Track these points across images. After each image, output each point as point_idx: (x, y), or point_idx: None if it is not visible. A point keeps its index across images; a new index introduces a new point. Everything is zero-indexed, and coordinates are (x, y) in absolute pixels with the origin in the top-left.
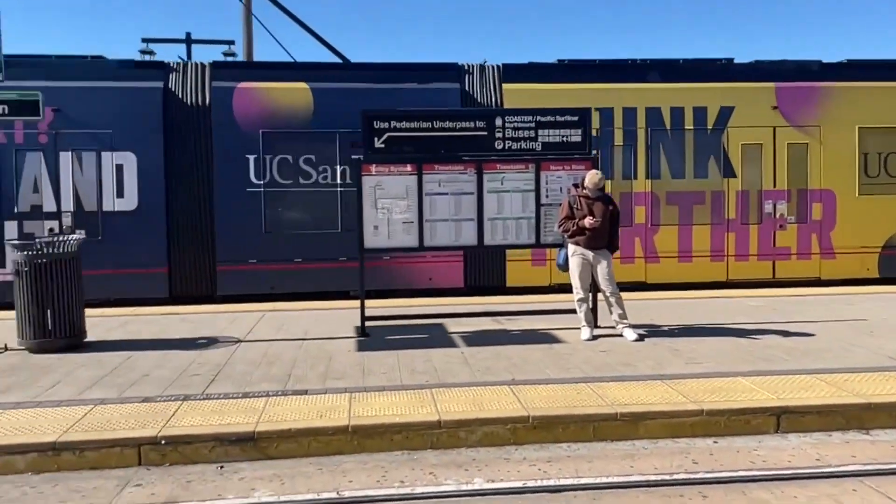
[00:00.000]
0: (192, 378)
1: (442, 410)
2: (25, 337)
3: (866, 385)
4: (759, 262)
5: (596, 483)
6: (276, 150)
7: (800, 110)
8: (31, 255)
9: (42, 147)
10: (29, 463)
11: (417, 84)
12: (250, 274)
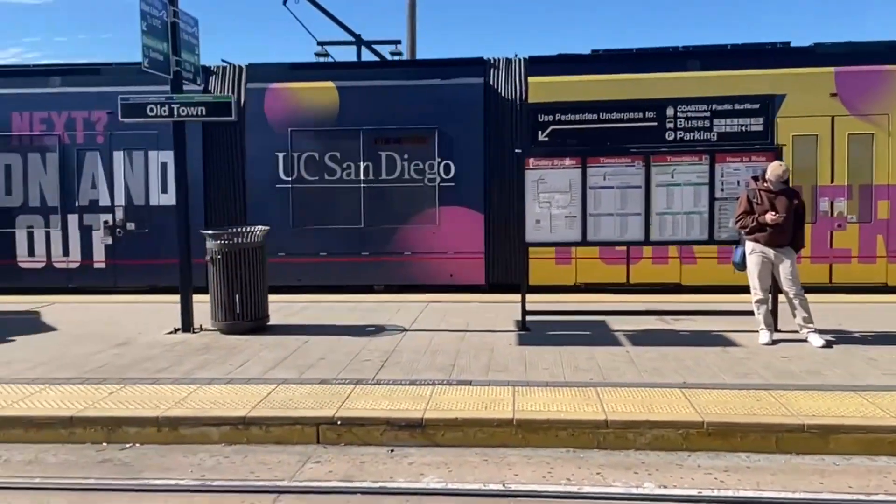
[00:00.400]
0: (363, 363)
1: (608, 410)
2: (217, 319)
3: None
4: (812, 266)
5: (781, 498)
6: (303, 147)
7: (864, 97)
8: (223, 245)
9: (99, 147)
10: (222, 434)
11: (441, 80)
12: (279, 266)
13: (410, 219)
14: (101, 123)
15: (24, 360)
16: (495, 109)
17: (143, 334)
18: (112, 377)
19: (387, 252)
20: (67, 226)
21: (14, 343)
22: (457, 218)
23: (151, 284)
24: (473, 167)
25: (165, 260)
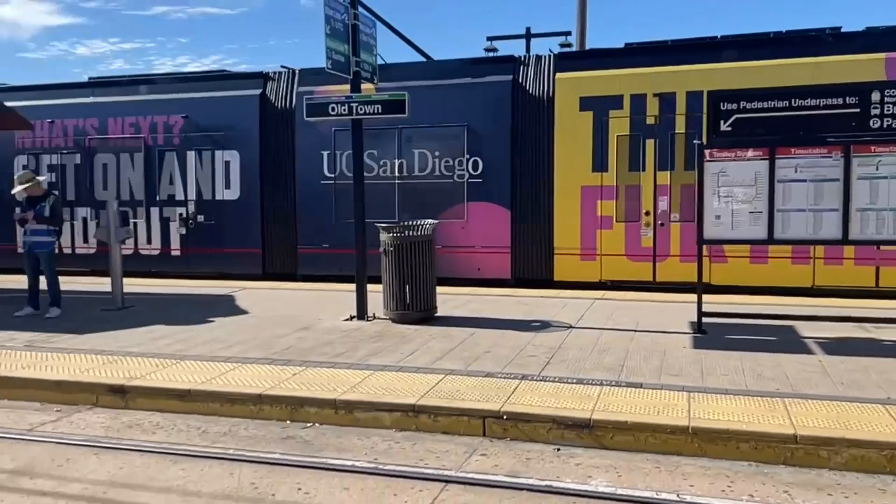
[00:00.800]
0: (528, 359)
1: (798, 423)
2: (389, 308)
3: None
4: (856, 268)
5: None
6: (345, 146)
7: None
8: (394, 237)
9: (175, 148)
10: (394, 420)
11: (471, 79)
12: (323, 257)
13: (440, 214)
14: (177, 127)
15: (221, 340)
16: (523, 106)
17: (322, 320)
18: (295, 359)
19: None
20: (150, 217)
21: (213, 324)
22: (484, 213)
23: (218, 270)
24: (501, 164)
25: (229, 249)
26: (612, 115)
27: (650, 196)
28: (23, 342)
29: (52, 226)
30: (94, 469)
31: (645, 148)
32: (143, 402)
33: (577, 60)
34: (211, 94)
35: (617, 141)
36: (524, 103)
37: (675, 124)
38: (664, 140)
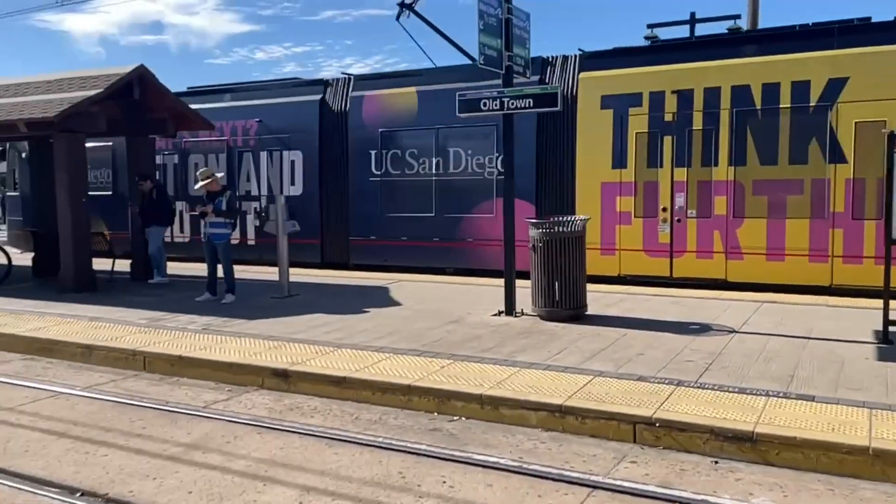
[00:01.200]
0: (685, 364)
1: None
2: (537, 304)
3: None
4: (877, 267)
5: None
6: (389, 145)
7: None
8: (544, 233)
9: (251, 149)
10: (539, 419)
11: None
12: (372, 248)
13: (472, 209)
14: (252, 130)
15: (374, 331)
16: None
17: (471, 314)
18: (444, 352)
19: (453, 238)
20: None
21: (368, 314)
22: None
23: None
24: (526, 161)
25: (293, 239)
26: (631, 113)
27: (667, 192)
28: (201, 325)
29: (229, 218)
30: (258, 447)
31: (663, 145)
32: (304, 387)
33: (600, 59)
34: (280, 99)
35: (636, 138)
36: None
37: (693, 121)
38: (681, 136)
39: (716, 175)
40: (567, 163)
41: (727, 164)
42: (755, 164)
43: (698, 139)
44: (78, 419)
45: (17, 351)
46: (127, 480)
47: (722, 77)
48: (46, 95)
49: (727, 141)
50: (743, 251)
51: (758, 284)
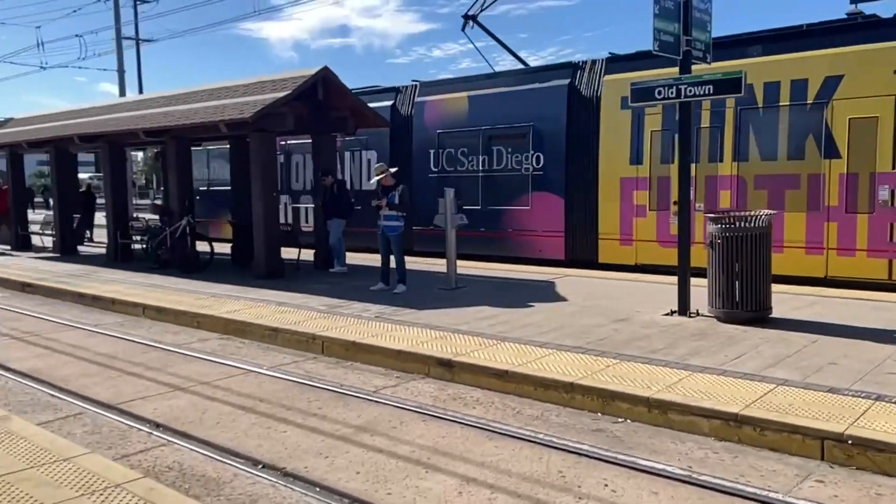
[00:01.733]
0: (886, 376)
1: None
2: (714, 305)
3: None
4: (868, 259)
5: None
6: (445, 145)
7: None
8: (723, 228)
9: (337, 149)
10: (712, 428)
11: (538, 84)
12: (431, 237)
13: (511, 202)
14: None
15: (538, 325)
16: (577, 107)
17: (640, 313)
18: (609, 351)
19: (495, 229)
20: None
21: (531, 309)
22: (544, 202)
23: (365, 245)
24: (558, 158)
25: (370, 229)
26: (647, 112)
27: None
28: (374, 313)
29: (402, 212)
30: (422, 434)
31: (674, 142)
32: (466, 378)
33: (623, 63)
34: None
35: (651, 136)
36: (578, 104)
37: (701, 119)
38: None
39: (721, 170)
40: (592, 159)
41: (731, 159)
42: (756, 160)
43: (706, 136)
44: (263, 396)
45: (216, 331)
46: (302, 457)
47: None
48: (243, 98)
49: (731, 138)
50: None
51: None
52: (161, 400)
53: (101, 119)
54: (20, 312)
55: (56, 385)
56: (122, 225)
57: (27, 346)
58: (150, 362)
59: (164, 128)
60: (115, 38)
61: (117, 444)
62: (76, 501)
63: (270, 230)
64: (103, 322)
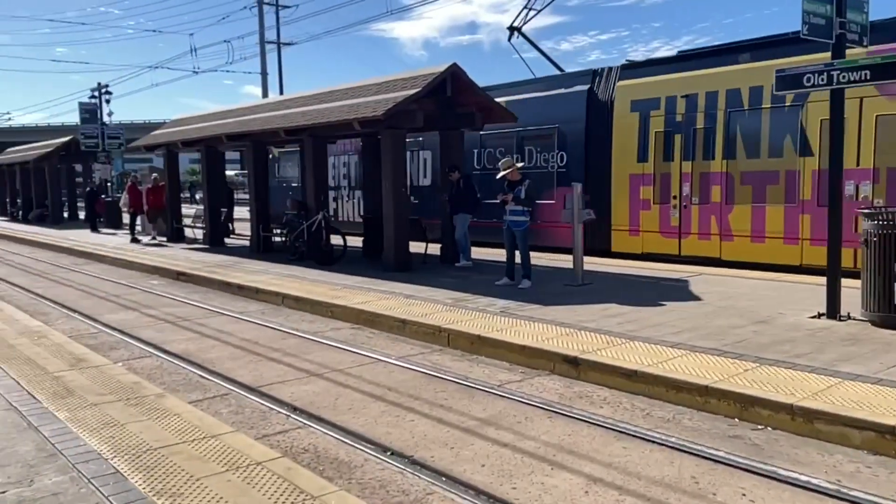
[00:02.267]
0: None
1: None
2: (868, 308)
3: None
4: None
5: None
6: (486, 145)
7: None
8: (879, 225)
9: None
10: (864, 440)
11: (564, 89)
12: (486, 229)
13: (541, 196)
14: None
15: (670, 325)
16: (595, 110)
17: (783, 314)
18: (749, 354)
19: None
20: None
21: (663, 307)
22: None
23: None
24: (578, 157)
25: (426, 220)
26: (652, 115)
27: (677, 182)
28: (499, 308)
29: (527, 207)
30: (547, 431)
31: (674, 141)
32: (593, 376)
33: (632, 70)
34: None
35: (655, 136)
36: (595, 108)
37: (696, 121)
38: (688, 134)
39: (713, 167)
40: (606, 158)
41: (721, 157)
42: (743, 158)
43: (700, 136)
44: (392, 385)
45: (348, 321)
46: (429, 446)
47: (719, 82)
48: (375, 97)
49: (722, 137)
50: (733, 234)
51: (744, 263)
52: (298, 384)
53: (245, 119)
54: (174, 299)
55: (205, 367)
56: (263, 219)
57: (180, 330)
58: (288, 348)
59: (302, 126)
60: (259, 43)
61: (258, 424)
62: (222, 476)
63: (399, 225)
64: (247, 310)
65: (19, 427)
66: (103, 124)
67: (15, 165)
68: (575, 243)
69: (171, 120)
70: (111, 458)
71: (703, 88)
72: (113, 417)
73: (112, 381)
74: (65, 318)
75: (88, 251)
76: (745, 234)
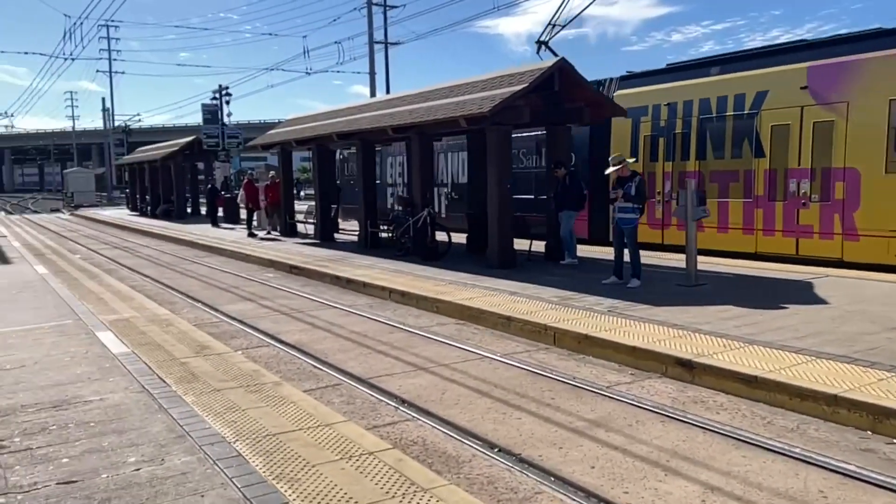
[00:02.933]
0: None
1: None
2: None
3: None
4: (784, 239)
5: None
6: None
7: (829, 87)
8: None
9: (441, 151)
10: None
11: None
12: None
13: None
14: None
15: (793, 329)
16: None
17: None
18: (882, 362)
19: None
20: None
21: (785, 311)
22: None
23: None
24: (585, 158)
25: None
26: (641, 121)
27: (661, 180)
28: (606, 307)
29: (637, 204)
30: (659, 436)
31: (658, 144)
32: (708, 380)
33: (628, 80)
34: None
35: (643, 140)
36: None
37: (676, 126)
38: (669, 138)
39: (688, 167)
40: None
41: (695, 158)
42: (711, 159)
43: (679, 140)
44: (498, 382)
45: (453, 316)
46: (536, 445)
47: (693, 92)
48: (481, 93)
49: (695, 141)
50: (704, 226)
51: (710, 251)
52: (405, 378)
53: (354, 118)
54: (288, 291)
55: (317, 357)
56: (371, 215)
57: (294, 322)
58: (395, 342)
59: (409, 124)
60: (368, 43)
61: (368, 415)
62: (337, 464)
63: (504, 222)
64: (356, 303)
65: (151, 409)
66: (223, 124)
67: (144, 164)
68: (688, 242)
69: (285, 120)
70: (234, 441)
71: (681, 98)
72: (234, 403)
73: (233, 368)
74: (189, 307)
75: (209, 244)
76: (713, 225)
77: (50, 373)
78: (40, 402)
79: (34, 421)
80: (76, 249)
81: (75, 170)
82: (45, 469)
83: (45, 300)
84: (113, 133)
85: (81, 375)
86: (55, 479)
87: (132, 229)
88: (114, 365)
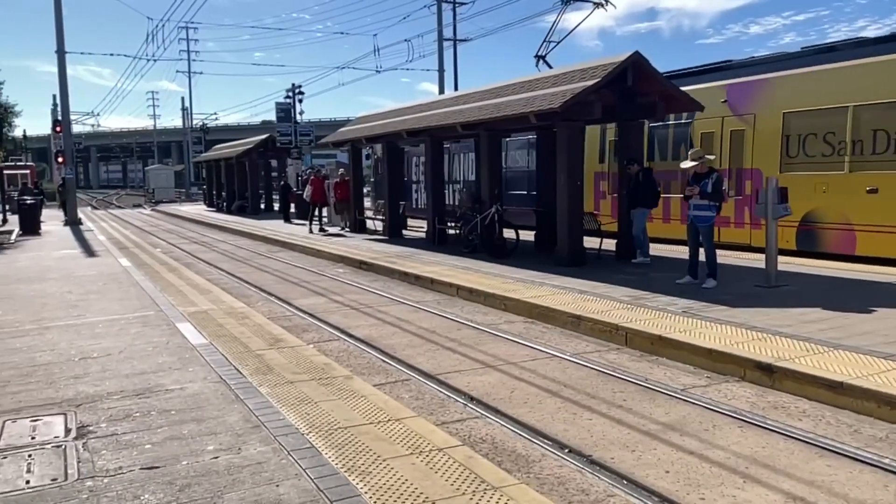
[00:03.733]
0: None
1: None
2: None
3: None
4: (724, 229)
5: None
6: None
7: (741, 102)
8: None
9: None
10: None
11: None
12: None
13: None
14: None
15: (882, 333)
16: None
17: None
18: None
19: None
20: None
21: (874, 314)
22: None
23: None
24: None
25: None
26: (607, 127)
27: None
28: (681, 308)
29: (714, 201)
30: (737, 441)
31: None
32: (790, 385)
33: None
34: None
35: (608, 143)
36: None
37: None
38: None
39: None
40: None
41: (646, 160)
42: (659, 160)
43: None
44: (567, 382)
45: (521, 314)
46: (608, 447)
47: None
48: (552, 89)
49: (646, 145)
50: (653, 217)
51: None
52: (473, 375)
53: (423, 115)
54: (357, 286)
55: (386, 352)
56: (439, 212)
57: (363, 317)
58: (464, 339)
59: (478, 121)
60: (437, 40)
61: (437, 411)
62: (407, 459)
63: (574, 219)
64: (424, 299)
65: (228, 399)
66: (296, 122)
67: (220, 161)
68: (768, 242)
69: (355, 118)
70: (307, 433)
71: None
72: (307, 395)
73: (305, 361)
74: (263, 300)
75: (282, 240)
76: (659, 217)
77: (134, 361)
78: (125, 390)
79: (119, 408)
80: (157, 243)
81: (156, 167)
82: (130, 454)
83: (129, 292)
84: (191, 131)
85: (163, 365)
86: (139, 465)
87: (209, 224)
88: (193, 355)
